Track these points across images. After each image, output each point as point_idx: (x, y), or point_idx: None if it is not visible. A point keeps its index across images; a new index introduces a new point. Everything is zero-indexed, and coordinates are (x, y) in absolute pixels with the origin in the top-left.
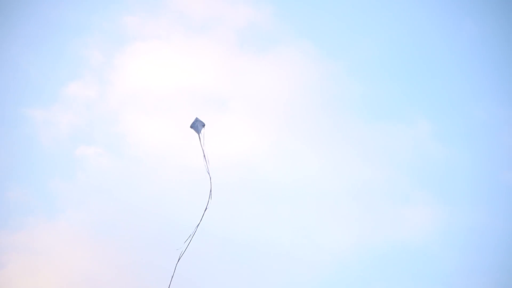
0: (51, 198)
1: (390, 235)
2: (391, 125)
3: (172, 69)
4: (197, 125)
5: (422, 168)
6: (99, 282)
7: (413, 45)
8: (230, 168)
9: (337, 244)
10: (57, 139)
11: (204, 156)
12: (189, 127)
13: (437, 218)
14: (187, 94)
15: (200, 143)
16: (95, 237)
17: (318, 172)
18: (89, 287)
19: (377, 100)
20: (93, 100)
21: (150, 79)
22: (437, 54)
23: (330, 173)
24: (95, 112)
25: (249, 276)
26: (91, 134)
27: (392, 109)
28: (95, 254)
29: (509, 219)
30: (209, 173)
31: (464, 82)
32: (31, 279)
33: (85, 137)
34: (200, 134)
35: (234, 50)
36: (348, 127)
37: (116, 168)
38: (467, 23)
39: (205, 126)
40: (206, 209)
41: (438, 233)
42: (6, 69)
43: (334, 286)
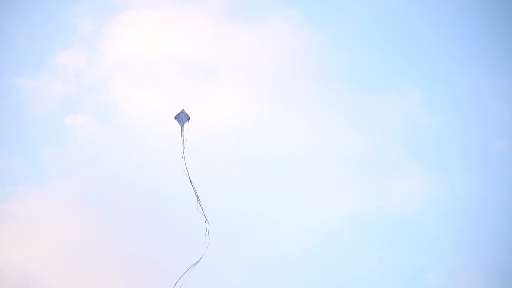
0: (41, 167)
1: (380, 204)
2: (381, 94)
3: (161, 38)
4: (182, 117)
5: (412, 137)
6: (88, 250)
7: (402, 13)
8: (219, 137)
9: (327, 213)
10: (47, 108)
11: (183, 153)
12: (173, 118)
13: (427, 187)
14: (176, 63)
15: (181, 136)
16: (84, 206)
17: (308, 141)
18: (78, 255)
19: (367, 69)
20: (83, 69)
21: (140, 48)
22: (426, 23)
23: (320, 142)
24: (85, 81)
25: (238, 245)
26: (81, 103)
27: (382, 78)
28: (84, 223)
29: (499, 188)
30: (187, 168)
31: (454, 51)
32: (20, 248)
33: (75, 106)
34: (183, 127)
35: (223, 19)
36: (338, 96)
37: (106, 137)
38: None
39: (190, 120)
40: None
41: (428, 202)
42: None
43: (324, 254)
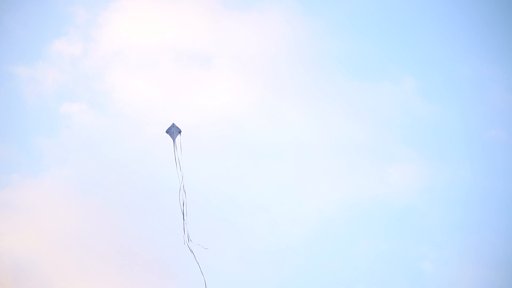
0: (36, 155)
1: (376, 192)
2: (376, 83)
3: (157, 27)
4: (173, 131)
5: (408, 126)
6: (83, 238)
7: (397, 1)
8: (214, 125)
9: (323, 201)
10: (42, 96)
11: (177, 164)
12: (165, 132)
13: (423, 176)
14: (171, 51)
15: (174, 149)
16: (80, 194)
17: (303, 130)
18: (73, 243)
19: (363, 58)
20: (78, 57)
21: (135, 36)
22: (422, 10)
23: (315, 131)
24: (80, 69)
25: (233, 232)
26: (76, 91)
27: (377, 67)
28: (80, 211)
29: (495, 176)
30: (182, 177)
31: (450, 39)
32: (16, 236)
33: (70, 94)
34: (175, 141)
35: (218, 8)
36: (333, 85)
37: (101, 125)
38: None
39: (181, 133)
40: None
41: (424, 190)
42: None
43: (320, 243)
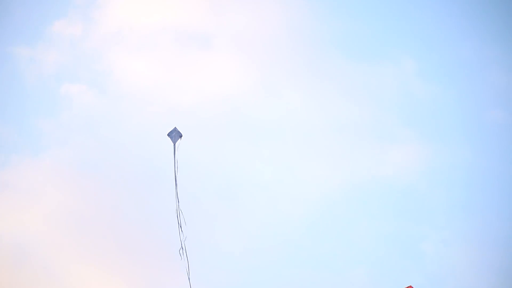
0: (36, 136)
1: (376, 173)
2: (376, 63)
3: (156, 7)
4: (174, 135)
5: (408, 106)
6: (82, 218)
7: None
8: (214, 105)
9: (323, 181)
10: (42, 77)
11: (175, 168)
12: (166, 135)
13: (423, 156)
14: (171, 32)
15: (174, 154)
16: (79, 174)
17: (303, 110)
18: (72, 223)
19: (362, 38)
20: (78, 38)
21: (134, 17)
22: None
23: (315, 111)
24: (80, 50)
25: (234, 213)
26: (76, 72)
27: (377, 47)
28: (79, 191)
29: (494, 156)
30: (176, 179)
31: (449, 20)
32: (15, 216)
33: (70, 75)
34: (175, 145)
35: None
36: (333, 65)
37: (100, 106)
38: None
39: (182, 138)
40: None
41: (424, 171)
42: None
43: (319, 222)
